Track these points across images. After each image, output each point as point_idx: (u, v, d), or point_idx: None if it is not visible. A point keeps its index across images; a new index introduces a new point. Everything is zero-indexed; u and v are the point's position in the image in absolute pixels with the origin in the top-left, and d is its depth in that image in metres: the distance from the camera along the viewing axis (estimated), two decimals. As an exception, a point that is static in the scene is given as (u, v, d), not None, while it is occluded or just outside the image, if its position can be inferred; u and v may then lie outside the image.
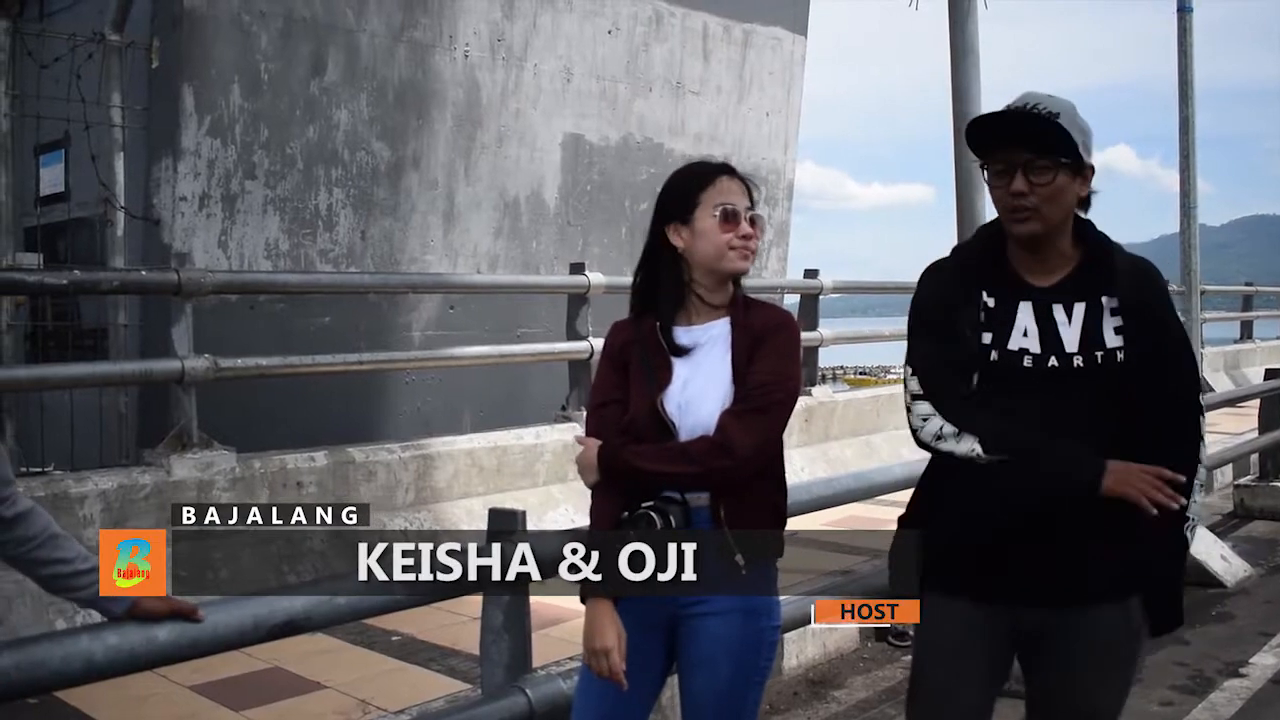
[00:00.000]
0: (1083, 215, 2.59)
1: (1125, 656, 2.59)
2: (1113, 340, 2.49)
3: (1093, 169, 2.53)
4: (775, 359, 2.67)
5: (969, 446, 2.53)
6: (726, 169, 2.79)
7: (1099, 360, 2.49)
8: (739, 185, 2.77)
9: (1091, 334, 2.50)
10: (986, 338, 2.55)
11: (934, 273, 2.69)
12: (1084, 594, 2.52)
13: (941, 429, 2.57)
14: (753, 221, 2.74)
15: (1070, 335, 2.51)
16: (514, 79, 9.76)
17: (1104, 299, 2.51)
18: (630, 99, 10.78)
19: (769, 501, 2.71)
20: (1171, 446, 2.50)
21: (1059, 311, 2.53)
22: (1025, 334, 2.54)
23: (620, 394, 2.73)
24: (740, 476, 2.61)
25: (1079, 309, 2.52)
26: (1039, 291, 2.55)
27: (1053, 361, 2.51)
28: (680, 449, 2.61)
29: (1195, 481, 2.51)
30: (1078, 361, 2.50)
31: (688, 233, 2.73)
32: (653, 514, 2.59)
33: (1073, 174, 2.49)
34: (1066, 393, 2.50)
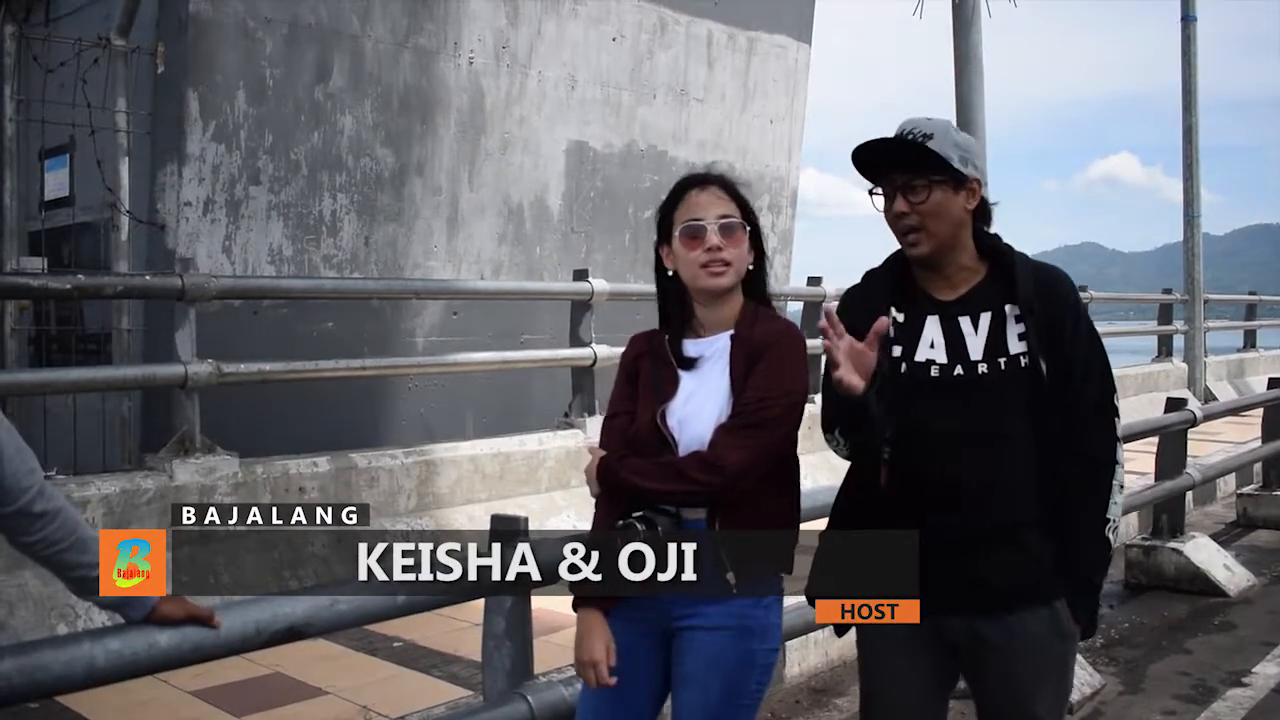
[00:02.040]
0: (986, 228, 2.67)
1: (1057, 660, 2.63)
2: (1016, 346, 2.58)
3: (978, 182, 2.61)
4: (772, 373, 2.62)
5: (837, 444, 2.70)
6: (696, 180, 2.73)
7: (1002, 366, 2.57)
8: (709, 195, 2.69)
9: (995, 342, 2.59)
10: (896, 350, 2.63)
11: (846, 297, 2.78)
12: (1005, 599, 2.57)
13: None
14: (726, 229, 2.65)
15: (975, 344, 2.60)
16: (518, 85, 9.77)
17: (1007, 307, 2.60)
18: (634, 106, 10.79)
19: (773, 516, 2.66)
20: (1083, 448, 2.58)
21: (965, 323, 2.62)
22: (932, 345, 2.63)
23: (630, 406, 2.73)
24: (729, 493, 2.56)
25: (984, 319, 2.61)
26: (944, 305, 2.65)
27: (959, 370, 2.60)
28: (672, 465, 2.59)
29: (1114, 483, 2.59)
30: (982, 369, 2.58)
31: (670, 253, 2.72)
32: (636, 524, 2.55)
33: (953, 189, 2.57)
34: (976, 399, 2.58)
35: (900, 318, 2.65)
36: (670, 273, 2.74)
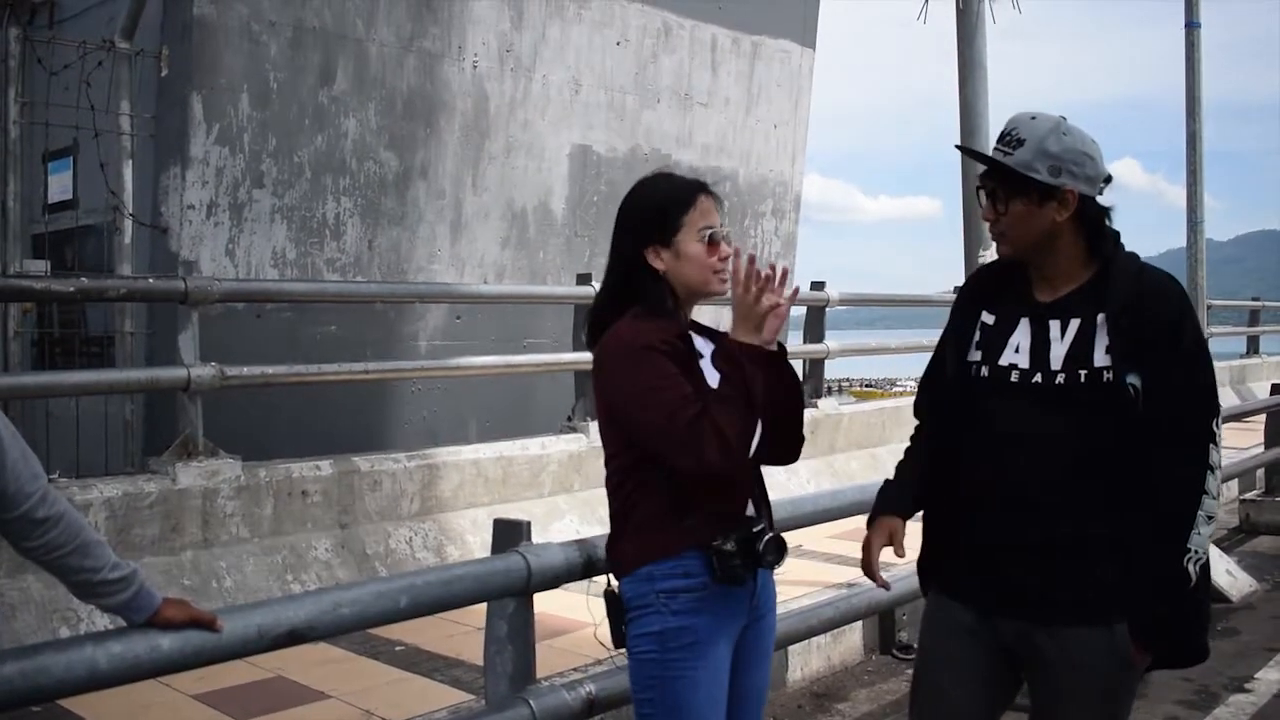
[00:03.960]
0: (1107, 226, 2.59)
1: (1110, 686, 2.53)
2: (1101, 359, 2.47)
3: (1073, 192, 2.50)
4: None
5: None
6: (703, 187, 2.75)
7: (1082, 379, 2.47)
8: (715, 204, 2.74)
9: (1079, 352, 2.50)
10: (976, 355, 2.61)
11: (961, 291, 2.81)
12: (1058, 612, 2.50)
13: None
14: (727, 239, 2.73)
15: (1058, 352, 2.52)
16: (522, 89, 9.78)
17: (1099, 316, 2.49)
18: (638, 110, 10.80)
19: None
20: (1168, 475, 2.46)
21: (1055, 328, 2.54)
22: (1017, 350, 2.57)
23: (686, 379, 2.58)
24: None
25: (1073, 325, 2.52)
26: (1041, 307, 2.58)
27: (1037, 378, 2.53)
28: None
29: (1200, 513, 2.45)
30: (1059, 379, 2.50)
31: (669, 255, 2.69)
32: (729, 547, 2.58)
33: (1037, 201, 2.51)
34: (1051, 409, 2.50)
35: (990, 319, 2.62)
36: (663, 271, 2.71)
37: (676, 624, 2.57)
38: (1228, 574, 7.52)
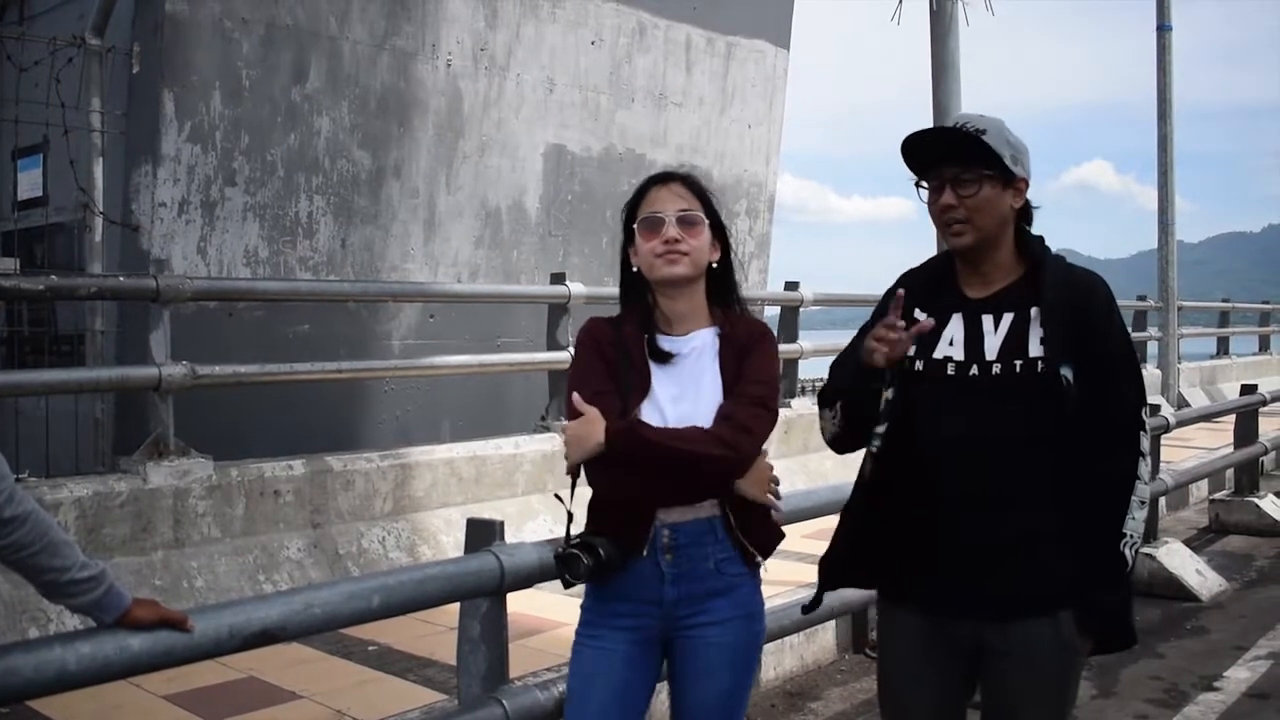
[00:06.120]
0: (1028, 229, 2.66)
1: (1058, 672, 2.60)
2: (1036, 350, 2.53)
3: (1025, 181, 2.61)
4: (767, 363, 2.75)
5: (829, 421, 2.73)
6: (659, 178, 2.80)
7: (1018, 369, 2.53)
8: (670, 191, 2.76)
9: (1014, 343, 2.55)
10: (911, 350, 2.61)
11: (884, 298, 2.77)
12: (1011, 604, 2.54)
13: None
14: (686, 222, 2.72)
15: (993, 344, 2.57)
16: (496, 88, 9.76)
17: (1033, 310, 2.56)
18: (613, 110, 10.79)
19: (761, 507, 2.77)
20: (1104, 464, 2.53)
21: (987, 321, 2.60)
22: (951, 343, 2.62)
23: (612, 386, 2.70)
24: (749, 463, 2.66)
25: (1007, 318, 2.58)
26: (972, 303, 2.63)
27: (974, 370, 2.57)
28: (705, 433, 2.62)
29: (1134, 498, 2.53)
30: (996, 369, 2.55)
31: (634, 251, 2.79)
32: (580, 553, 2.64)
33: (1001, 185, 2.57)
34: (992, 401, 2.55)
35: (922, 317, 2.63)
36: (635, 269, 2.79)
37: (587, 602, 2.80)
38: (1197, 573, 7.59)
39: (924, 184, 2.64)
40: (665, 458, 2.59)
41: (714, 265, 2.80)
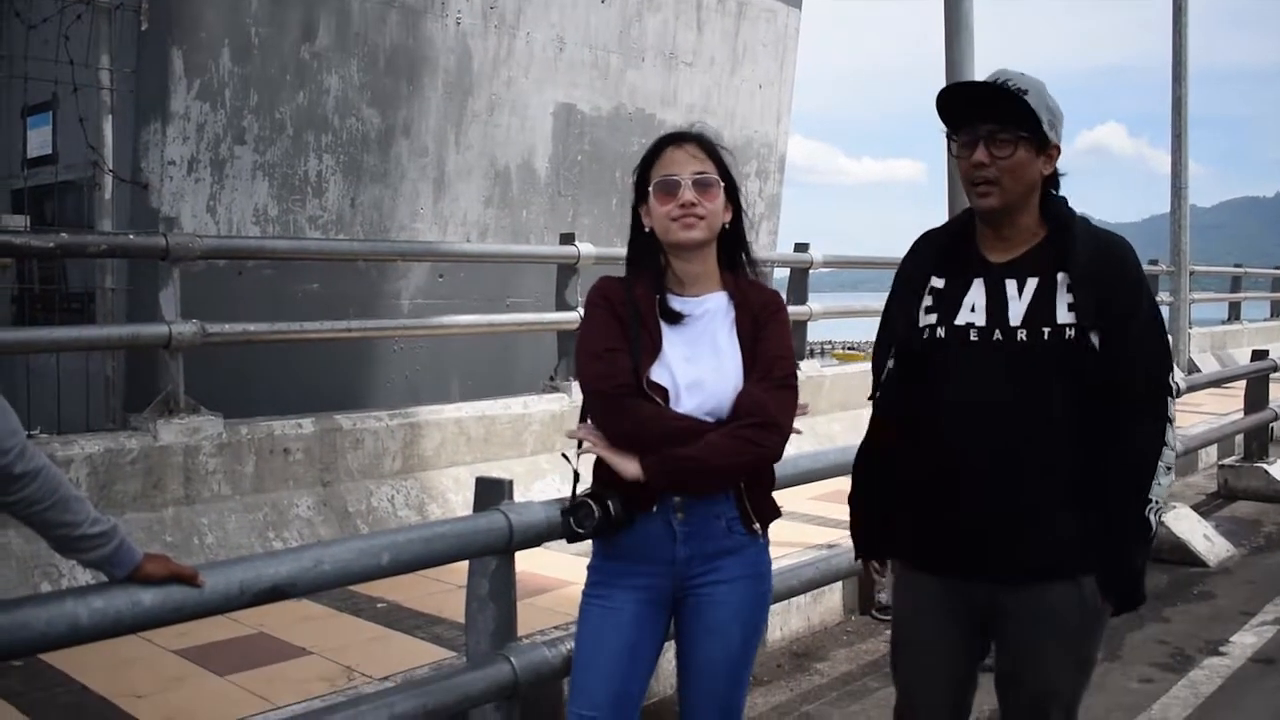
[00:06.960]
0: (1054, 194, 2.61)
1: (1080, 636, 2.58)
2: (1064, 316, 2.49)
3: (1058, 148, 2.55)
4: (784, 337, 2.76)
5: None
6: (673, 138, 2.77)
7: (1045, 335, 2.49)
8: (685, 152, 2.72)
9: (1040, 309, 2.51)
10: (931, 318, 2.59)
11: (904, 261, 2.77)
12: (1028, 569, 2.53)
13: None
14: (701, 185, 2.69)
15: (1017, 310, 2.53)
16: (506, 47, 9.70)
17: (1059, 275, 2.51)
18: (622, 69, 10.73)
19: (769, 473, 2.84)
20: (1131, 429, 2.50)
21: (1011, 286, 2.55)
22: (973, 309, 2.57)
23: (624, 344, 2.69)
24: (781, 451, 2.72)
25: (1031, 284, 2.53)
26: (995, 268, 2.58)
27: (997, 335, 2.53)
28: (731, 436, 2.62)
29: (1160, 464, 2.51)
30: (1022, 335, 2.51)
31: (646, 211, 2.76)
32: (591, 502, 2.66)
33: (1035, 150, 2.52)
34: (1017, 369, 2.51)
35: (940, 283, 2.61)
36: (648, 229, 2.76)
37: (595, 563, 2.85)
38: (1205, 539, 7.59)
39: (956, 137, 2.58)
40: (702, 475, 2.63)
41: (726, 226, 2.77)
